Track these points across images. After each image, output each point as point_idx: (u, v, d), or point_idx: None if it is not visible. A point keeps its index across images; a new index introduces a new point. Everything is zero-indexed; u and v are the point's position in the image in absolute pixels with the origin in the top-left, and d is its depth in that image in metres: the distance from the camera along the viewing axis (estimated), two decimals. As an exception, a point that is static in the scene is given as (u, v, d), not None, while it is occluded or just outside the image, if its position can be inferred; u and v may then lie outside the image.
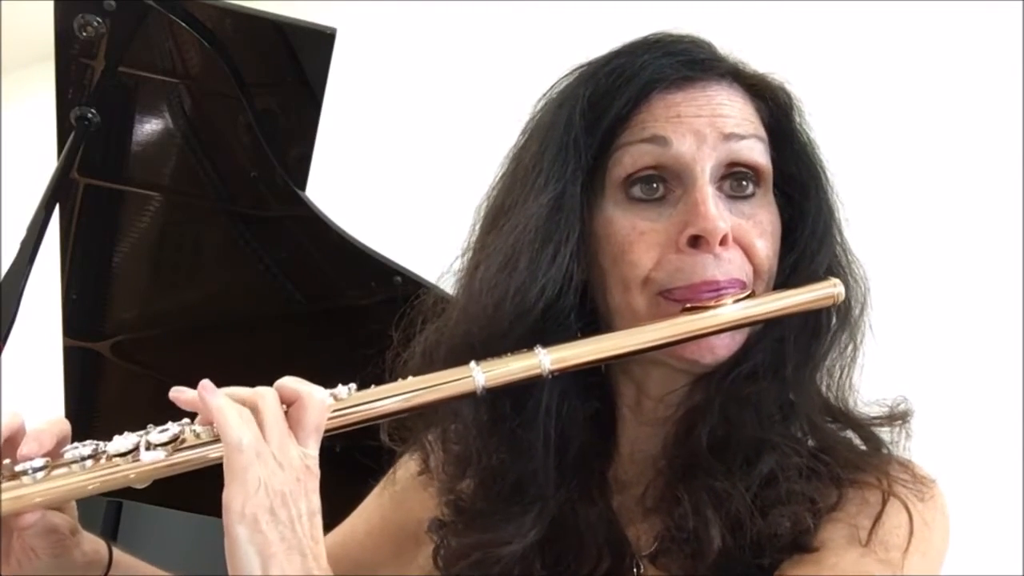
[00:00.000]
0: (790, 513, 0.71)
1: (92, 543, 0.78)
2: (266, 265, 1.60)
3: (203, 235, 1.65)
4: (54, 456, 0.67)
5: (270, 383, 0.68)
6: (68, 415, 1.69)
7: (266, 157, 1.47)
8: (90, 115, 1.38)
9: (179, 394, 0.67)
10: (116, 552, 0.81)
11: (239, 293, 1.67)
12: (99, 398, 1.76)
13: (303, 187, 1.53)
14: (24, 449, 0.66)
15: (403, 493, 0.91)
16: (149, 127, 1.51)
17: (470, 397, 0.72)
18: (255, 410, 0.65)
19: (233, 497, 0.61)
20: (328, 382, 0.70)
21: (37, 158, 1.81)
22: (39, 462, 0.65)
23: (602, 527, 0.77)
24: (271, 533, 0.61)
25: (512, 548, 0.76)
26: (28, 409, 0.71)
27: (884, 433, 0.78)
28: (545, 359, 0.71)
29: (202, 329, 1.71)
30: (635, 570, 0.77)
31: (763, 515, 0.71)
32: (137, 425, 0.69)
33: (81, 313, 1.66)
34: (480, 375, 0.71)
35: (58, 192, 1.36)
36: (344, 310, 1.63)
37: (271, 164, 1.48)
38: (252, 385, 0.68)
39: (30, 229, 1.30)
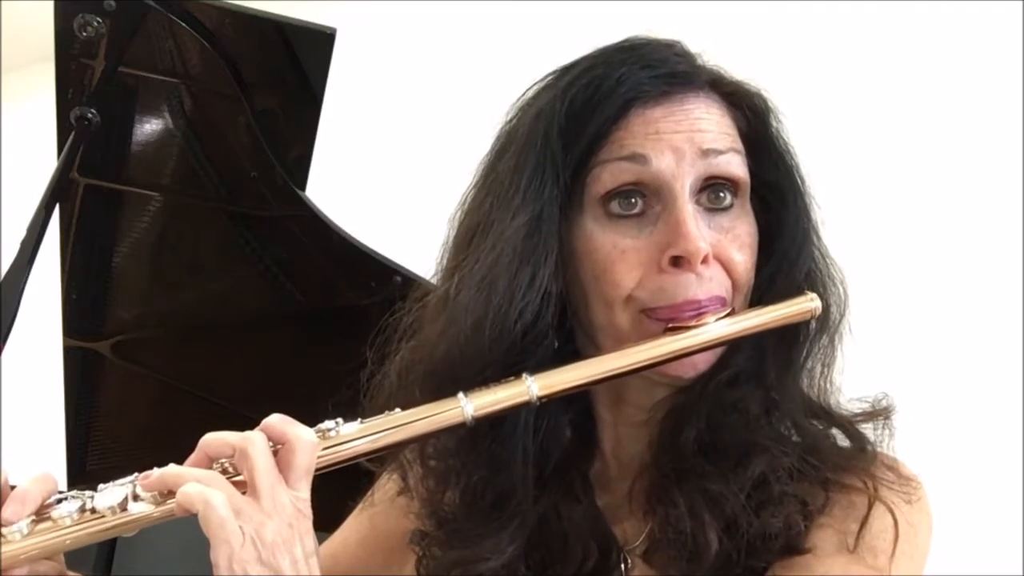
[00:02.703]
0: (782, 514, 0.71)
1: None
2: (266, 265, 1.60)
3: (203, 235, 1.65)
4: (41, 512, 0.66)
5: (270, 382, 0.68)
6: (68, 415, 1.70)
7: (266, 157, 1.47)
8: (90, 115, 1.38)
9: (145, 480, 0.66)
10: None
11: (239, 293, 1.67)
12: (99, 398, 1.76)
13: (303, 187, 1.53)
14: (7, 512, 0.65)
15: (387, 508, 0.91)
16: (149, 127, 1.51)
17: (458, 427, 0.72)
18: (244, 456, 0.65)
19: (219, 555, 0.61)
20: (327, 382, 0.70)
21: (37, 158, 1.81)
22: (23, 524, 0.65)
23: (587, 525, 0.78)
24: None
25: (491, 564, 0.76)
26: (28, 409, 0.71)
27: (868, 431, 0.78)
28: (533, 386, 0.71)
29: (202, 329, 1.71)
30: (623, 566, 0.77)
31: (757, 516, 0.71)
32: (137, 425, 0.69)
33: (81, 313, 1.66)
34: (469, 406, 0.70)
35: (58, 192, 1.36)
36: (344, 310, 1.62)
37: (271, 164, 1.48)
38: (251, 384, 0.68)
39: (30, 229, 1.31)
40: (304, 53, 1.43)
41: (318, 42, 1.41)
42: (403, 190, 2.83)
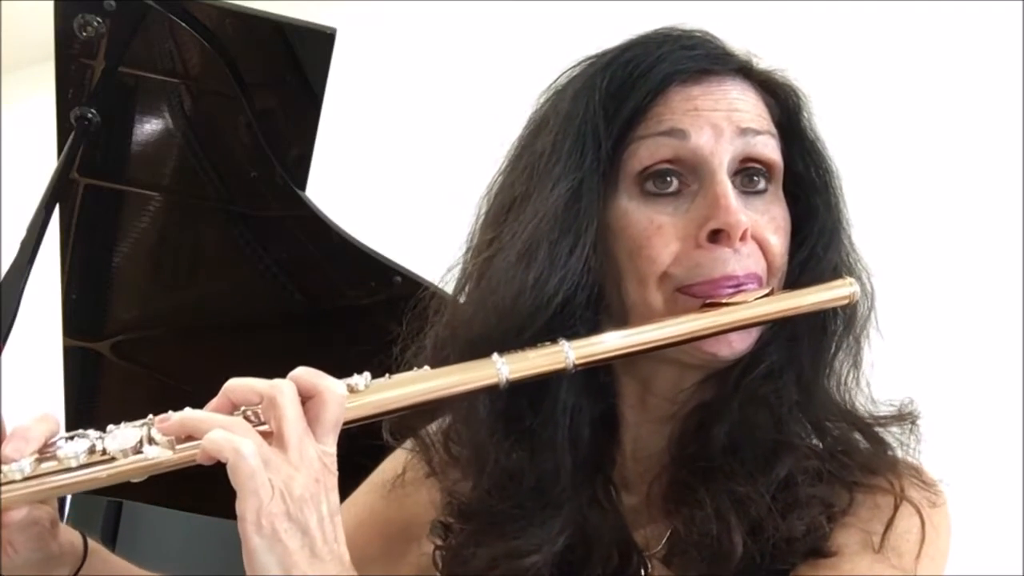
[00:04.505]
0: (807, 517, 0.71)
1: (68, 534, 0.76)
2: (266, 265, 1.59)
3: (203, 235, 1.65)
4: (43, 451, 0.64)
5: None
6: (68, 415, 1.69)
7: (266, 157, 1.47)
8: (90, 115, 1.37)
9: (163, 423, 0.64)
10: (92, 544, 0.79)
11: (239, 293, 1.66)
12: (99, 398, 1.76)
13: (303, 187, 1.52)
14: (8, 449, 0.63)
15: (400, 490, 0.90)
16: (149, 127, 1.50)
17: (491, 391, 0.70)
18: (272, 404, 0.63)
19: (246, 508, 0.59)
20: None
21: (37, 158, 1.81)
22: (26, 463, 0.62)
23: (608, 529, 0.77)
24: (291, 541, 0.59)
25: (539, 557, 0.74)
26: (28, 410, 0.70)
27: (893, 435, 0.78)
28: (570, 353, 0.70)
29: (202, 329, 1.71)
30: (643, 570, 0.76)
31: (782, 519, 0.71)
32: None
33: (81, 313, 1.65)
34: (504, 367, 0.69)
35: (58, 192, 1.36)
36: (344, 310, 1.62)
37: (271, 164, 1.47)
38: (255, 385, 0.67)
39: (30, 229, 1.30)
40: (304, 53, 1.43)
41: (318, 42, 1.40)
42: (403, 190, 2.83)
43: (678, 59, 0.76)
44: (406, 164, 2.86)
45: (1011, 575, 1.81)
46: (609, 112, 0.75)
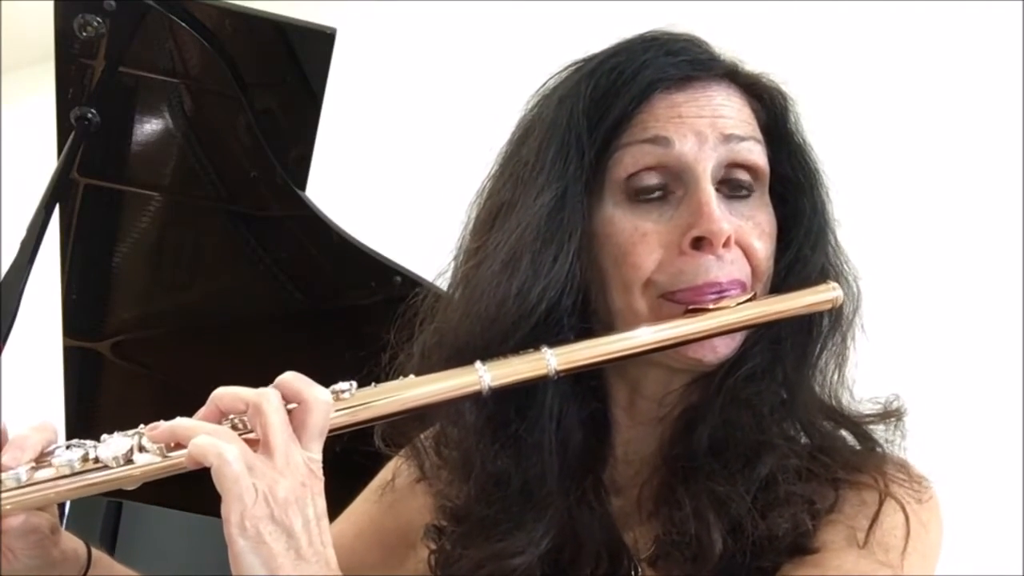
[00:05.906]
0: (789, 515, 0.71)
1: (70, 542, 0.77)
2: (266, 265, 1.60)
3: (203, 235, 1.65)
4: (40, 460, 0.65)
5: (271, 384, 0.68)
6: (68, 415, 1.70)
7: (266, 157, 1.47)
8: (90, 115, 1.38)
9: (153, 431, 0.66)
10: (95, 552, 0.80)
11: (239, 293, 1.67)
12: (99, 398, 1.76)
13: (303, 187, 1.53)
14: (6, 457, 0.64)
15: (397, 496, 0.91)
16: (149, 127, 1.50)
17: (475, 397, 0.71)
18: (258, 411, 0.64)
19: (231, 510, 0.60)
20: (329, 383, 0.70)
21: (37, 158, 1.81)
22: (22, 471, 0.63)
23: (598, 531, 0.77)
24: (275, 544, 0.60)
25: (524, 559, 0.74)
26: (28, 410, 0.70)
27: (879, 432, 0.78)
28: (552, 359, 0.71)
29: (202, 329, 1.71)
30: (633, 573, 0.76)
31: (763, 517, 0.71)
32: (137, 425, 0.68)
33: (81, 313, 1.65)
34: (487, 375, 0.70)
35: (58, 192, 1.36)
36: (344, 310, 1.62)
37: (271, 164, 1.48)
38: (251, 385, 0.68)
39: (30, 229, 1.30)
40: (304, 53, 1.43)
41: (318, 42, 1.41)
42: (403, 190, 2.83)
43: (662, 65, 0.76)
44: (406, 164, 2.86)
45: (1011, 575, 1.81)
46: (593, 119, 0.76)
